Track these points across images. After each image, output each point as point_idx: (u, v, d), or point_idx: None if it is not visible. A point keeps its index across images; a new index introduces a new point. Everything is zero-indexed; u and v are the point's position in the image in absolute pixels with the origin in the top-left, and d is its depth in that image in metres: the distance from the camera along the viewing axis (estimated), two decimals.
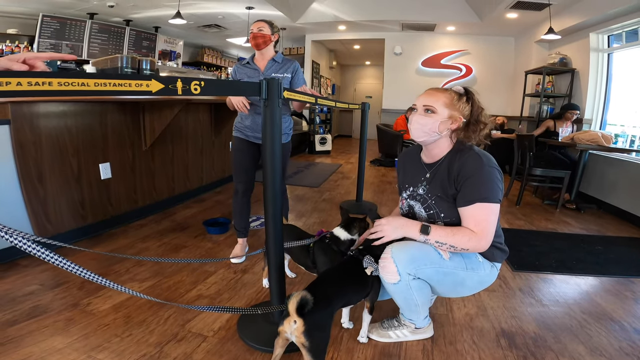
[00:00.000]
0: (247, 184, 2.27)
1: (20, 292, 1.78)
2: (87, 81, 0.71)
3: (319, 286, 1.25)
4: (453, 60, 7.13)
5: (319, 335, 1.13)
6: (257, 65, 2.19)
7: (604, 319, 1.74)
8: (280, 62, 2.19)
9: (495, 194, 1.26)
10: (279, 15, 6.16)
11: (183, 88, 0.88)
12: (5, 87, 0.61)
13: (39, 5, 5.10)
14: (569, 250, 2.65)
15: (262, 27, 2.12)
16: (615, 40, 4.48)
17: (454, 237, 1.27)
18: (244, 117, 2.22)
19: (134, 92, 0.79)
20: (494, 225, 1.27)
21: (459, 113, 1.33)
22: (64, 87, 0.67)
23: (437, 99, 1.33)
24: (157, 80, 0.82)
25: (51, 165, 2.35)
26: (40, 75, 0.65)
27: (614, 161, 3.84)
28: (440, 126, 1.33)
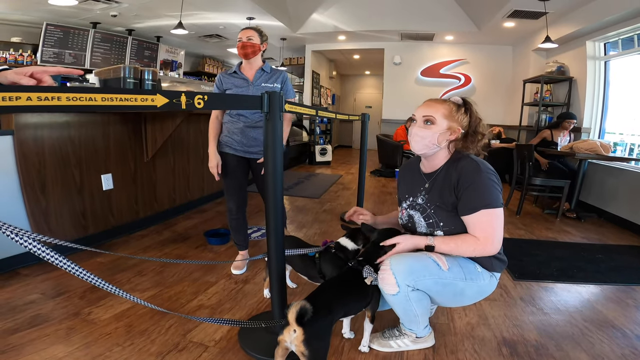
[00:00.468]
0: (240, 201, 2.22)
1: (21, 301, 1.79)
2: (94, 96, 0.73)
3: (319, 296, 1.25)
4: (452, 70, 7.19)
5: (318, 344, 1.13)
6: (245, 75, 2.11)
7: (605, 326, 1.74)
8: (269, 72, 2.14)
9: (496, 198, 1.28)
10: (279, 26, 6.26)
11: (187, 102, 0.91)
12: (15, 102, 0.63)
13: (43, 14, 5.16)
14: (569, 259, 2.65)
15: (251, 35, 2.05)
16: (611, 47, 4.52)
17: (458, 250, 1.32)
18: (233, 131, 2.12)
19: (140, 106, 0.82)
20: (500, 229, 1.29)
21: (458, 124, 1.36)
22: (72, 102, 0.69)
23: (436, 110, 1.36)
24: (161, 95, 0.85)
25: (54, 175, 2.37)
26: (49, 90, 0.67)
27: (613, 170, 3.86)
28: (439, 137, 1.35)
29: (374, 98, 11.57)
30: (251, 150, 2.14)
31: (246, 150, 2.14)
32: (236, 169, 2.17)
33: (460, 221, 1.34)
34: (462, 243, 1.30)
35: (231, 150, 2.14)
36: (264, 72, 2.13)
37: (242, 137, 2.11)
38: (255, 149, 2.14)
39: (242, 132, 2.10)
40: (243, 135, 2.11)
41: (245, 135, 2.11)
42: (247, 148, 2.13)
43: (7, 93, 0.62)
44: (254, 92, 2.08)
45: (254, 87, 2.09)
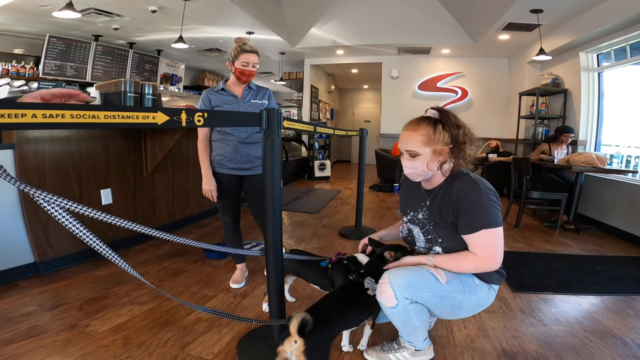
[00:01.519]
0: (235, 216, 2.24)
1: (18, 313, 1.79)
2: (97, 114, 0.76)
3: (320, 308, 1.26)
4: (449, 83, 7.28)
5: (318, 355, 1.14)
6: (234, 92, 2.10)
7: (606, 336, 1.74)
8: (255, 89, 2.16)
9: (496, 218, 1.29)
10: (278, 40, 6.37)
11: (187, 120, 0.93)
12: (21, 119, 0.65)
13: (46, 26, 5.24)
14: (568, 271, 2.65)
15: (257, 63, 2.04)
16: (604, 58, 4.58)
17: (459, 269, 1.33)
18: (226, 150, 2.09)
19: (141, 124, 0.84)
20: (500, 247, 1.30)
21: (442, 144, 1.34)
22: (76, 119, 0.71)
23: (414, 141, 1.35)
24: (162, 113, 0.87)
25: (53, 189, 2.38)
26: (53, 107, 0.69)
27: (610, 182, 3.89)
28: (429, 164, 1.36)
29: (373, 112, 11.67)
30: (244, 167, 2.13)
31: (240, 167, 2.12)
32: (230, 188, 2.16)
33: (458, 238, 1.35)
34: (462, 262, 1.32)
35: (224, 170, 2.12)
36: (251, 89, 2.14)
37: (235, 155, 2.09)
38: (248, 165, 2.14)
39: (236, 149, 2.08)
40: (236, 153, 2.09)
41: (238, 152, 2.09)
42: (240, 165, 2.12)
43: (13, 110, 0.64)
44: (245, 108, 2.10)
45: (245, 104, 2.10)
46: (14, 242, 2.21)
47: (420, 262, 1.39)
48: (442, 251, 1.39)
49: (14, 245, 2.21)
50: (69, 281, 2.22)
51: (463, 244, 1.34)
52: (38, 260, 2.29)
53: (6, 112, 0.63)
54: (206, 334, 1.69)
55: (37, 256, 2.29)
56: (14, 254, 2.21)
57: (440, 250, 1.40)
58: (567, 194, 3.79)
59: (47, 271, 2.31)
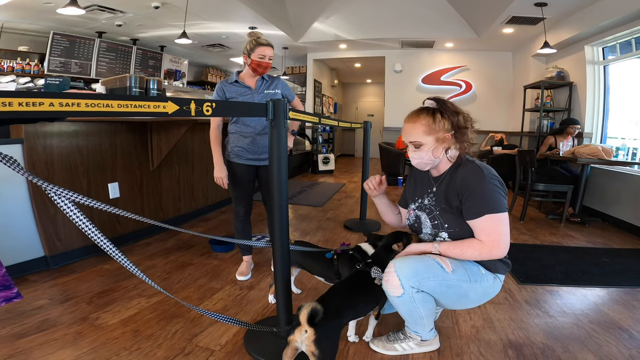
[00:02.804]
0: (247, 206, 2.29)
1: (29, 306, 1.81)
2: (111, 102, 0.77)
3: (329, 298, 1.28)
4: (453, 77, 7.24)
5: (328, 345, 1.15)
6: (247, 84, 2.16)
7: (612, 328, 1.74)
8: (267, 79, 2.21)
9: (501, 203, 1.30)
10: (281, 35, 6.34)
11: (196, 109, 0.94)
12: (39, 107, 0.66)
13: (50, 23, 5.26)
14: (574, 263, 2.64)
15: (272, 55, 2.09)
16: (609, 52, 4.55)
17: (463, 256, 1.34)
18: (243, 141, 2.17)
19: (152, 113, 0.85)
20: (506, 233, 1.30)
21: (443, 131, 1.36)
22: (90, 108, 0.73)
23: (416, 131, 1.38)
24: (173, 102, 0.88)
25: (62, 184, 2.36)
26: (69, 96, 0.71)
27: (616, 174, 3.86)
28: (434, 152, 1.38)
29: (376, 106, 11.64)
30: (261, 157, 2.20)
31: (256, 157, 2.20)
32: (245, 177, 2.23)
33: (464, 223, 1.36)
34: (467, 248, 1.32)
35: (241, 160, 2.19)
36: (264, 79, 2.20)
37: (252, 146, 2.17)
38: (264, 156, 2.21)
39: (253, 140, 2.17)
40: (253, 144, 2.17)
41: (255, 143, 2.17)
42: (257, 156, 2.19)
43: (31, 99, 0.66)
44: (259, 99, 2.15)
45: (259, 95, 2.16)
46: (24, 237, 2.24)
47: (426, 250, 1.40)
48: (449, 237, 1.40)
49: (24, 239, 2.24)
50: (78, 275, 2.25)
51: (469, 229, 1.35)
52: (48, 254, 2.32)
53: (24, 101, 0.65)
54: (214, 325, 1.70)
55: (47, 250, 2.32)
56: (25, 248, 2.24)
57: (446, 236, 1.41)
58: (572, 186, 3.78)
59: (57, 265, 2.35)
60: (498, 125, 6.82)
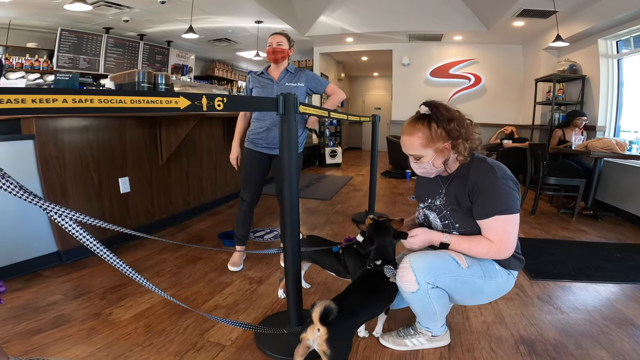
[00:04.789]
0: (254, 195, 2.31)
1: (43, 302, 1.84)
2: (124, 98, 0.77)
3: (345, 298, 1.27)
4: (461, 70, 7.14)
5: (341, 344, 1.14)
6: (271, 76, 2.25)
7: (625, 324, 1.72)
8: (293, 72, 2.26)
9: (512, 204, 1.27)
10: (287, 29, 6.31)
11: (208, 104, 0.94)
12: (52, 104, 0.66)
13: (58, 20, 5.30)
14: (587, 258, 2.61)
15: (281, 41, 2.18)
16: (623, 45, 4.46)
17: (471, 252, 1.32)
18: (259, 130, 2.24)
19: (165, 108, 0.85)
20: (514, 235, 1.29)
21: (442, 141, 1.33)
22: (104, 104, 0.73)
23: (413, 145, 1.35)
24: (184, 98, 0.88)
25: (74, 180, 2.43)
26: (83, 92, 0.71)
27: (630, 168, 3.79)
28: (434, 163, 1.36)
29: (383, 99, 11.55)
30: (275, 146, 2.23)
31: (270, 146, 2.24)
32: (257, 162, 2.28)
33: (475, 223, 1.35)
34: (476, 245, 1.32)
35: (256, 147, 2.27)
36: (288, 72, 2.25)
37: (267, 135, 2.22)
38: (275, 146, 2.23)
39: (268, 130, 2.21)
40: (268, 134, 2.22)
41: (270, 133, 2.21)
42: (271, 145, 2.23)
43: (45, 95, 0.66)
44: (279, 90, 2.15)
45: (279, 87, 2.21)
46: (38, 232, 2.27)
47: (433, 239, 1.38)
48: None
49: (37, 234, 2.27)
50: (90, 270, 2.27)
51: (479, 229, 1.34)
52: (61, 249, 2.35)
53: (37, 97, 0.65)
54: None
55: (59, 245, 2.35)
56: (38, 243, 2.27)
57: (457, 234, 1.39)
58: (585, 180, 3.72)
59: (70, 260, 2.37)
60: (507, 118, 6.73)
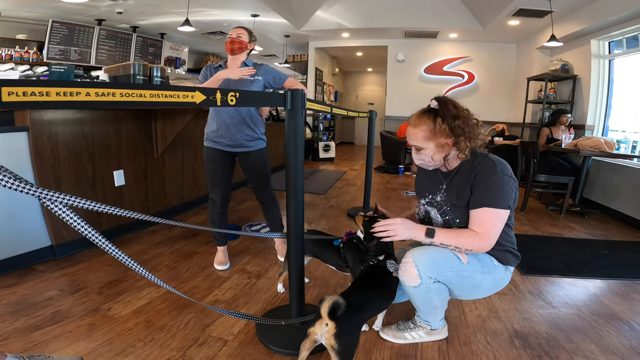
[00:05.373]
0: (224, 194, 2.24)
1: (40, 297, 1.82)
2: (144, 92, 0.77)
3: (351, 293, 1.29)
4: (455, 67, 7.20)
5: (348, 339, 1.16)
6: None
7: (613, 319, 1.78)
8: (250, 66, 2.19)
9: (504, 200, 1.31)
10: (283, 23, 6.26)
11: (221, 99, 0.94)
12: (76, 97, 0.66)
13: (49, 11, 5.18)
14: (575, 254, 2.69)
15: (241, 33, 2.18)
16: (615, 46, 4.55)
17: (457, 239, 1.33)
18: (217, 126, 2.15)
19: (182, 102, 0.85)
20: (498, 228, 1.32)
21: (444, 137, 1.36)
22: (125, 97, 0.73)
23: (417, 136, 1.38)
24: (200, 92, 0.88)
25: (67, 172, 2.40)
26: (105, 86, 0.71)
27: (617, 167, 3.90)
28: (434, 157, 1.40)
29: (376, 95, 11.58)
30: (236, 144, 2.18)
31: (233, 144, 2.18)
32: (221, 160, 2.20)
33: None
34: (461, 233, 1.34)
35: (214, 145, 2.19)
36: (246, 65, 2.17)
37: (227, 133, 2.15)
38: (239, 142, 2.18)
39: (227, 128, 2.15)
40: (227, 131, 2.15)
41: (230, 131, 2.14)
42: (233, 142, 2.17)
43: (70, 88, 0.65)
44: (235, 84, 2.13)
45: (236, 80, 2.12)
46: (31, 226, 2.23)
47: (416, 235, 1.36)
48: None
49: (30, 228, 2.23)
50: (86, 264, 2.25)
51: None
52: (55, 243, 2.32)
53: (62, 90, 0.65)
54: (225, 315, 1.72)
55: (53, 239, 2.32)
56: (31, 238, 2.23)
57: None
58: (573, 177, 3.81)
59: (64, 254, 2.35)
60: (499, 116, 6.82)
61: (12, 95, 0.64)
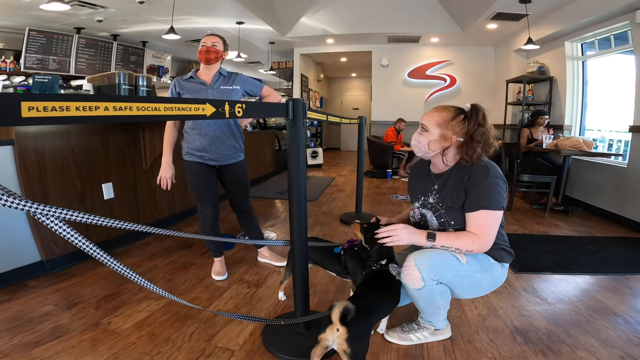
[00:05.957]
0: (215, 207, 2.19)
1: (36, 313, 1.77)
2: (159, 106, 0.77)
3: (360, 298, 1.31)
4: (438, 71, 7.36)
5: (360, 343, 1.18)
6: (203, 80, 2.10)
7: (607, 314, 1.85)
8: (226, 75, 2.14)
9: (498, 202, 1.36)
10: (268, 30, 6.28)
11: (230, 111, 0.95)
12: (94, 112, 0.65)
13: (25, 19, 5.05)
14: (563, 252, 2.78)
15: (216, 42, 2.07)
16: (588, 48, 4.75)
17: (457, 241, 1.37)
18: (201, 143, 2.08)
19: (193, 115, 0.85)
20: (494, 229, 1.37)
21: (452, 132, 1.40)
22: (141, 111, 0.72)
23: (431, 118, 1.44)
24: (210, 105, 0.89)
25: (55, 186, 2.34)
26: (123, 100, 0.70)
27: (596, 165, 4.07)
28: (431, 144, 1.44)
29: (361, 100, 11.70)
30: (220, 157, 2.13)
31: (214, 158, 2.12)
32: (208, 174, 2.15)
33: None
34: (460, 235, 1.38)
35: (199, 159, 2.12)
36: (221, 75, 2.13)
37: (211, 147, 2.09)
38: (223, 156, 2.14)
39: (211, 142, 2.08)
40: (212, 145, 2.09)
41: (214, 144, 2.09)
42: (214, 156, 2.12)
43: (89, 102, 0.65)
44: (214, 95, 2.09)
45: (214, 90, 2.08)
46: (20, 241, 2.17)
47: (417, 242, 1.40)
48: None
49: (19, 244, 2.17)
50: (79, 279, 2.19)
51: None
52: (45, 258, 2.26)
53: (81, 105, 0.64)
54: (228, 325, 1.71)
55: (43, 254, 2.25)
56: (20, 253, 2.17)
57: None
58: (556, 177, 3.95)
59: (54, 269, 2.28)
60: None
61: (33, 110, 0.63)
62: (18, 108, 0.60)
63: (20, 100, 0.63)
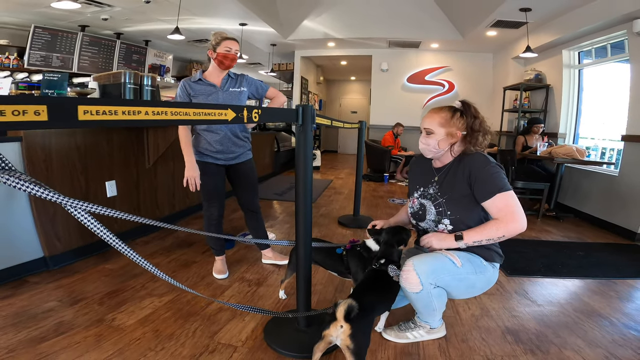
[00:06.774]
0: (221, 207, 2.25)
1: (39, 309, 1.80)
2: (188, 111, 0.83)
3: (361, 296, 1.36)
4: (436, 77, 7.43)
5: (362, 339, 1.25)
6: (212, 82, 2.12)
7: (594, 316, 1.93)
8: (234, 77, 2.18)
9: (506, 183, 1.44)
10: (270, 32, 6.34)
11: (247, 116, 1.01)
12: (137, 116, 0.71)
13: (31, 16, 5.08)
14: (553, 256, 2.86)
15: (238, 49, 2.10)
16: (585, 56, 4.84)
17: (484, 233, 1.43)
18: (212, 142, 2.14)
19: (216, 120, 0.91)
20: (519, 206, 1.42)
21: (456, 128, 1.52)
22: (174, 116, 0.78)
23: (433, 120, 1.54)
24: (231, 110, 0.95)
25: (61, 183, 2.38)
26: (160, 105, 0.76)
27: (588, 173, 4.16)
28: (440, 144, 1.53)
29: (359, 103, 11.78)
30: (231, 156, 2.21)
31: (227, 157, 2.20)
32: (219, 175, 2.22)
33: (466, 210, 1.49)
34: (485, 226, 1.44)
35: (211, 160, 2.18)
36: (230, 77, 2.17)
37: (222, 147, 2.16)
38: (233, 155, 2.22)
39: (222, 141, 2.15)
40: (223, 145, 2.16)
41: (224, 144, 2.16)
42: (227, 155, 2.19)
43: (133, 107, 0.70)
44: (224, 97, 2.13)
45: (224, 93, 2.12)
46: (23, 237, 2.20)
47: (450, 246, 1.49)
48: (450, 223, 1.52)
49: (22, 240, 2.20)
50: (81, 275, 2.23)
51: (470, 215, 1.48)
52: (47, 254, 2.29)
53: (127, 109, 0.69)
54: (231, 322, 1.76)
55: (46, 251, 2.29)
56: (23, 249, 2.20)
57: (448, 222, 1.53)
58: (549, 183, 4.04)
59: (57, 266, 2.32)
60: None
61: (87, 114, 0.68)
62: (75, 111, 0.65)
63: (77, 104, 0.68)
